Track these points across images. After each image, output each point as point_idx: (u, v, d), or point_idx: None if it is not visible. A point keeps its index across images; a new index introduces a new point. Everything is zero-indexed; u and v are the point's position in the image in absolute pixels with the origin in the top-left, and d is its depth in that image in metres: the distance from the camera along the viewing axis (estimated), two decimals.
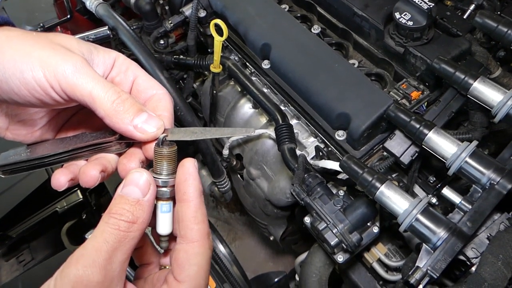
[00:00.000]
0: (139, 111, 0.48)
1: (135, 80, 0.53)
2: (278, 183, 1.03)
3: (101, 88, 0.46)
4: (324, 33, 1.02)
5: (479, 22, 0.79)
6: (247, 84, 1.00)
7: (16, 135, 0.55)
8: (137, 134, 0.48)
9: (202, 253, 0.48)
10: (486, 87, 0.73)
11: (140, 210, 0.45)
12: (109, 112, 0.46)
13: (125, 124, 0.47)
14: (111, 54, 0.52)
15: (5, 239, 0.99)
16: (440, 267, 0.63)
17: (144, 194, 0.46)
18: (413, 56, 0.84)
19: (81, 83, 0.45)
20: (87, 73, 0.46)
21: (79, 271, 0.40)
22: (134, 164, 0.51)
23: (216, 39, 0.96)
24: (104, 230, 0.43)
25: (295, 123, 0.98)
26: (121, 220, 0.43)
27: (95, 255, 0.41)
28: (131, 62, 0.54)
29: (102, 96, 0.46)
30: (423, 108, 0.84)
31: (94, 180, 0.51)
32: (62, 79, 0.45)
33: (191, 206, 0.48)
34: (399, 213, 0.69)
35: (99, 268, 0.40)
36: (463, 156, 0.69)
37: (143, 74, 0.54)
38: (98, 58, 0.51)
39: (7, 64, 0.45)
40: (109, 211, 0.44)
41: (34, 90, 0.46)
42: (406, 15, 0.83)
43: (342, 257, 0.81)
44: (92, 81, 0.46)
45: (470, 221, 0.66)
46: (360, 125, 0.79)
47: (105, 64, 0.51)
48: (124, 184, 0.46)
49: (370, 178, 0.71)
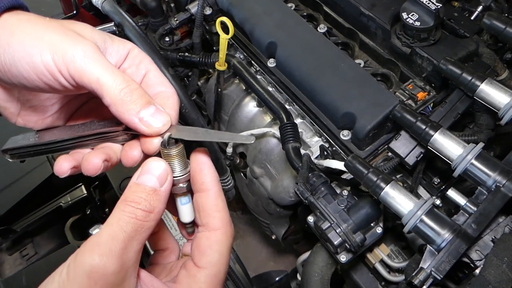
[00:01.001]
0: (148, 103, 0.46)
1: (146, 74, 0.53)
2: (281, 182, 1.03)
3: (110, 75, 0.45)
4: (330, 32, 1.02)
5: (487, 23, 0.79)
6: (252, 82, 1.00)
7: (27, 121, 0.55)
8: (141, 127, 0.46)
9: (224, 240, 0.48)
10: (493, 89, 0.72)
11: (157, 200, 0.44)
12: (116, 101, 0.45)
13: (130, 115, 0.46)
14: (126, 45, 0.52)
15: (9, 232, 0.99)
16: (444, 269, 0.63)
17: (161, 184, 0.45)
18: (419, 56, 0.84)
19: (89, 69, 0.44)
20: (96, 59, 0.45)
21: (95, 260, 0.39)
22: (136, 152, 0.49)
23: (222, 37, 0.96)
24: (121, 218, 0.42)
25: (299, 122, 0.98)
26: (138, 208, 0.42)
27: (111, 244, 0.40)
28: (145, 56, 0.53)
29: (110, 84, 0.45)
30: (429, 109, 0.83)
31: (96, 168, 0.50)
32: (70, 64, 0.44)
33: (211, 195, 0.48)
34: (403, 214, 0.68)
35: (115, 257, 0.39)
36: (469, 158, 0.69)
37: (154, 69, 0.53)
38: (112, 48, 0.50)
39: (17, 47, 0.44)
40: (125, 199, 0.43)
41: (43, 75, 0.45)
42: (414, 16, 0.82)
43: (345, 257, 0.81)
44: (101, 68, 0.45)
45: (475, 223, 0.65)
46: (365, 125, 0.79)
47: (119, 55, 0.51)
48: (141, 172, 0.45)
49: (375, 178, 0.71)
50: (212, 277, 0.47)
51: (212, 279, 0.47)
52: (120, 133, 0.51)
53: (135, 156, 0.49)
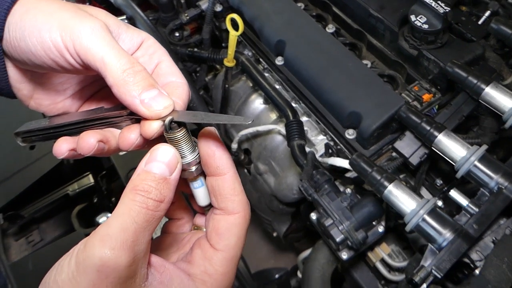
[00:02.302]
0: (150, 86, 0.45)
1: (158, 64, 0.52)
2: (285, 179, 1.04)
3: (115, 55, 0.44)
4: (339, 33, 1.03)
5: (494, 28, 0.80)
6: (260, 79, 1.01)
7: (39, 105, 0.55)
8: (141, 108, 0.44)
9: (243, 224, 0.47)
10: (498, 93, 0.73)
11: (167, 188, 0.42)
12: (118, 81, 0.44)
13: (131, 96, 0.44)
14: (140, 34, 0.51)
15: (17, 218, 1.00)
16: (444, 267, 0.64)
17: (171, 171, 0.43)
18: (426, 59, 0.85)
19: (94, 46, 0.43)
20: (103, 37, 0.44)
21: (106, 253, 0.37)
22: (133, 135, 0.48)
23: (232, 34, 0.97)
24: (132, 208, 0.40)
25: (305, 120, 0.99)
26: (149, 198, 0.41)
27: (123, 236, 0.38)
28: (160, 47, 0.53)
29: (114, 63, 0.43)
30: (434, 110, 0.84)
31: (90, 147, 0.48)
32: (76, 40, 0.44)
33: (228, 179, 0.47)
34: (406, 212, 0.69)
35: (127, 250, 0.38)
36: (472, 160, 0.69)
37: (168, 60, 0.53)
38: (126, 34, 0.50)
39: (28, 23, 0.45)
40: (134, 187, 0.41)
41: (50, 51, 0.45)
42: (422, 18, 0.83)
43: (347, 254, 0.82)
44: (106, 46, 0.44)
45: (477, 224, 0.66)
46: (371, 125, 0.80)
47: (132, 42, 0.50)
48: (150, 159, 0.43)
49: (379, 176, 0.72)
50: (228, 260, 0.47)
51: (228, 263, 0.47)
52: (123, 118, 0.50)
53: (131, 139, 0.48)
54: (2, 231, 0.97)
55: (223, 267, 0.46)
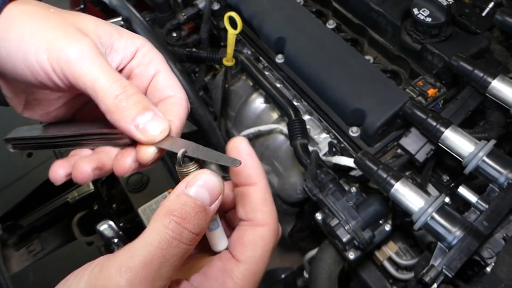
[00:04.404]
0: (144, 109, 0.43)
1: (155, 76, 0.49)
2: (288, 179, 1.03)
3: (106, 80, 0.42)
4: (339, 28, 1.01)
5: (499, 19, 0.78)
6: (260, 78, 0.99)
7: (32, 114, 0.53)
8: (137, 134, 0.43)
9: (272, 237, 0.43)
10: (505, 86, 0.72)
11: (205, 220, 0.38)
12: (111, 108, 0.42)
13: (126, 123, 0.42)
14: (135, 41, 0.48)
15: (16, 228, 0.98)
16: (455, 266, 0.62)
17: (212, 202, 0.40)
18: (430, 53, 0.83)
19: (84, 72, 0.41)
20: (93, 61, 0.42)
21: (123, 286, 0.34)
22: (128, 160, 0.45)
23: (230, 32, 0.96)
24: (163, 238, 0.36)
25: (307, 119, 0.97)
26: (185, 228, 0.37)
27: (145, 272, 0.35)
28: (156, 55, 0.49)
29: (105, 90, 0.41)
30: (439, 105, 0.83)
31: (85, 177, 0.46)
32: (64, 65, 0.41)
33: (260, 188, 0.43)
34: (414, 211, 0.68)
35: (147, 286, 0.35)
36: (481, 155, 0.68)
37: (165, 71, 0.49)
38: (119, 43, 0.47)
39: (13, 43, 0.42)
40: (171, 211, 0.37)
41: (37, 74, 0.43)
42: (425, 11, 0.81)
43: (354, 255, 0.81)
44: (97, 71, 0.42)
45: (487, 221, 0.65)
46: (375, 122, 0.78)
47: (126, 51, 0.48)
48: (192, 183, 0.39)
49: (385, 175, 0.70)
50: (251, 274, 0.42)
51: (251, 277, 0.42)
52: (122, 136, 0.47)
53: (126, 164, 0.45)
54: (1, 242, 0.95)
55: (244, 280, 0.41)
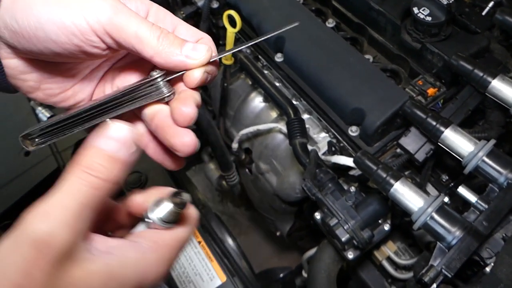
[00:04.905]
0: (183, 41, 0.47)
1: (175, 29, 0.51)
2: (287, 178, 1.03)
3: (145, 27, 0.45)
4: (339, 27, 1.01)
5: (499, 19, 0.78)
6: (259, 77, 0.99)
7: (47, 96, 0.53)
8: (191, 62, 0.47)
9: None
10: (505, 85, 0.71)
11: (117, 168, 0.40)
12: (158, 49, 0.45)
13: (176, 56, 0.46)
14: (144, 1, 0.50)
15: None
16: (455, 266, 0.62)
17: (123, 150, 0.40)
18: (430, 52, 0.83)
19: (126, 24, 0.44)
20: (127, 14, 0.44)
21: (44, 229, 0.35)
22: (190, 108, 0.47)
23: (229, 31, 0.95)
24: (75, 186, 0.38)
25: (306, 118, 0.97)
26: (96, 177, 0.38)
27: (64, 214, 0.36)
28: (167, 12, 0.51)
29: (148, 35, 0.45)
30: (439, 105, 0.82)
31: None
32: (106, 23, 0.43)
33: None
34: (413, 210, 0.67)
35: (68, 228, 0.36)
36: (481, 155, 0.68)
37: (182, 22, 0.52)
38: (131, 4, 0.48)
39: (42, 10, 0.43)
40: (80, 163, 0.38)
41: (74, 35, 0.44)
42: (425, 10, 0.81)
43: (353, 254, 0.80)
44: (135, 21, 0.44)
45: (486, 221, 0.64)
46: (375, 121, 0.78)
47: (138, 10, 0.49)
48: (100, 135, 0.40)
49: (384, 174, 0.70)
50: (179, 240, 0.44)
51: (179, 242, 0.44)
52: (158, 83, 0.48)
53: (190, 113, 0.47)
54: None
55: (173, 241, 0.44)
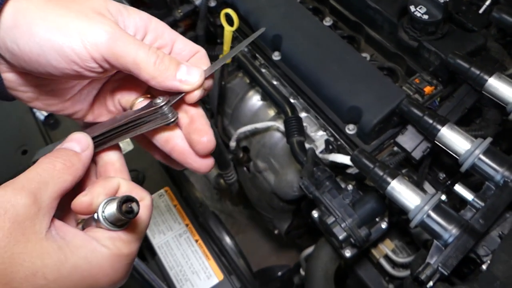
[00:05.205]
0: (178, 65, 0.49)
1: (174, 44, 0.52)
2: (285, 176, 1.03)
3: (143, 53, 0.46)
4: (336, 25, 1.01)
5: (496, 17, 0.78)
6: (257, 75, 0.99)
7: (46, 105, 0.54)
8: (184, 87, 0.49)
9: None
10: (502, 83, 0.71)
11: (77, 160, 0.47)
12: (154, 73, 0.47)
13: (170, 81, 0.48)
14: (142, 16, 0.50)
15: None
16: (451, 264, 0.62)
17: (83, 150, 0.48)
18: (427, 50, 0.83)
19: (124, 51, 0.45)
20: (125, 39, 0.46)
21: (7, 192, 0.40)
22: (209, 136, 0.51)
23: (227, 29, 0.95)
24: (38, 166, 0.44)
25: (304, 116, 0.97)
26: (57, 160, 0.45)
27: (25, 182, 0.41)
28: (165, 26, 0.52)
29: (145, 60, 0.46)
30: (436, 103, 0.82)
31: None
32: (104, 50, 0.45)
33: None
34: (410, 208, 0.68)
35: (28, 192, 0.40)
36: (477, 153, 0.68)
37: (180, 37, 0.53)
38: (129, 20, 0.49)
39: (44, 36, 0.44)
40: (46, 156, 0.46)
41: (74, 63, 0.45)
42: (422, 9, 0.81)
43: (350, 252, 0.81)
44: (133, 48, 0.46)
45: (483, 219, 0.65)
46: (371, 119, 0.78)
47: (136, 27, 0.50)
48: (65, 141, 0.48)
49: (381, 172, 0.70)
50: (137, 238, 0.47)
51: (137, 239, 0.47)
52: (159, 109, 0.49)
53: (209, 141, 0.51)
54: None
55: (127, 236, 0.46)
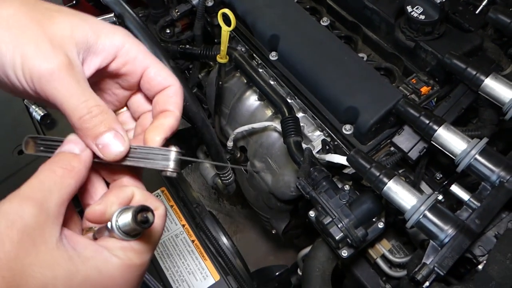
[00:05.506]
0: (107, 130, 0.46)
1: (145, 71, 0.50)
2: (282, 176, 1.03)
3: (73, 101, 0.44)
4: (333, 26, 1.01)
5: (493, 17, 0.78)
6: (254, 75, 0.99)
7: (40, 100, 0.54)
8: (99, 153, 0.47)
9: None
10: (498, 84, 0.72)
11: (77, 161, 0.46)
12: (76, 127, 0.46)
13: (89, 141, 0.46)
14: (114, 41, 0.48)
15: None
16: (447, 264, 0.63)
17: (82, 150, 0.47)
18: (423, 50, 0.83)
19: (54, 92, 0.44)
20: (62, 82, 0.44)
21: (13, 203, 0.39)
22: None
23: (224, 29, 0.95)
24: (40, 174, 0.43)
25: (301, 116, 0.97)
26: (57, 166, 0.44)
27: (30, 192, 0.41)
28: (139, 51, 0.50)
29: (72, 110, 0.45)
30: (432, 103, 0.83)
31: None
32: (37, 82, 0.44)
33: None
34: (406, 209, 0.68)
35: (33, 201, 0.40)
36: (473, 153, 0.68)
37: (154, 64, 0.50)
38: (97, 46, 0.47)
39: None
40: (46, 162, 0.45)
41: (15, 84, 0.46)
42: (418, 9, 0.81)
43: (347, 252, 0.81)
44: (66, 92, 0.44)
45: (479, 219, 0.65)
46: (368, 120, 0.78)
47: (105, 52, 0.48)
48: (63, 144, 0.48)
49: (377, 173, 0.70)
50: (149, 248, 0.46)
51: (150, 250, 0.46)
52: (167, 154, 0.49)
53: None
54: None
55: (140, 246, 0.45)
